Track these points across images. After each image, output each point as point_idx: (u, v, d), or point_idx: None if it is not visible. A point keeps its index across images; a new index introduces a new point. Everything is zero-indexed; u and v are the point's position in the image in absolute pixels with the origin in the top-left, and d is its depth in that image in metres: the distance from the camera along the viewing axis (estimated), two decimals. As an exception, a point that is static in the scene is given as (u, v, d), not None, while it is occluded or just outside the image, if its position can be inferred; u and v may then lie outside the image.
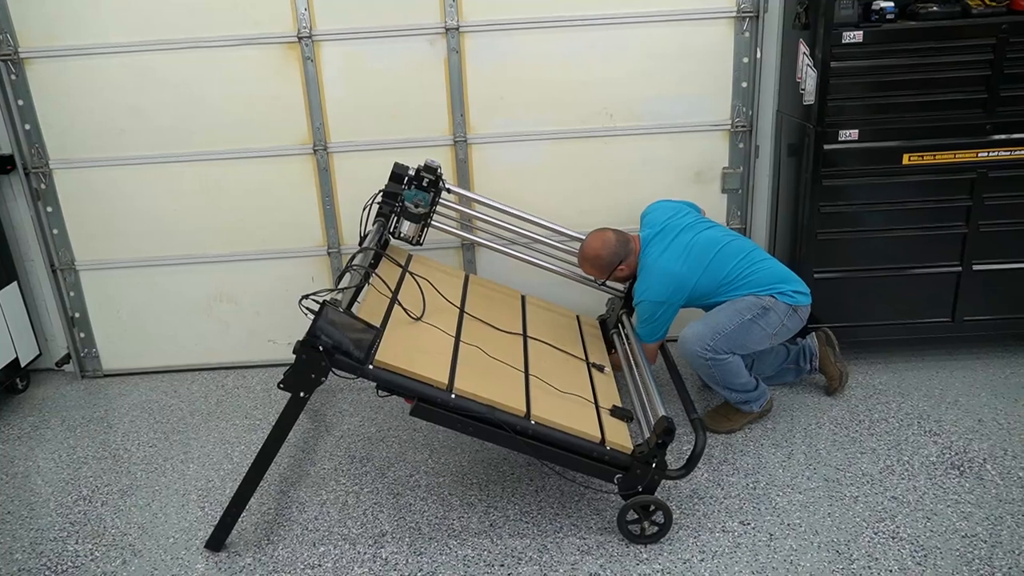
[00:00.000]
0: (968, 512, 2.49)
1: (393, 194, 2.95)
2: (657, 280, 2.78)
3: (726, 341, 2.74)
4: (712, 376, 2.83)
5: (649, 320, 2.83)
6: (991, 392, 3.16)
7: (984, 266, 3.21)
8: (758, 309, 2.74)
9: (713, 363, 2.76)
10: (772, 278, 2.81)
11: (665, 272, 2.77)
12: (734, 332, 2.74)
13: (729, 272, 2.80)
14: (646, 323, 2.85)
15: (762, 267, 2.82)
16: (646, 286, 2.81)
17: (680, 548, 2.39)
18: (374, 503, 2.67)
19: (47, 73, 3.27)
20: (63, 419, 3.34)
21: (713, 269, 2.79)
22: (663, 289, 2.77)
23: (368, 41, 3.28)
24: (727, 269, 2.80)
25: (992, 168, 3.07)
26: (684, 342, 2.79)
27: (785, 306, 2.77)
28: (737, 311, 2.75)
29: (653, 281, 2.79)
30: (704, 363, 2.77)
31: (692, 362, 2.82)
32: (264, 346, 3.69)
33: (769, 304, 2.75)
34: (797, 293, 2.81)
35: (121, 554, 2.48)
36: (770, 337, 2.81)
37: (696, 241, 2.83)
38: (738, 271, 2.80)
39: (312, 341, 2.15)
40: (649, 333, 2.87)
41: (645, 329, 2.87)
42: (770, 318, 2.75)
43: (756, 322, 2.74)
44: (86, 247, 3.53)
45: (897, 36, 2.94)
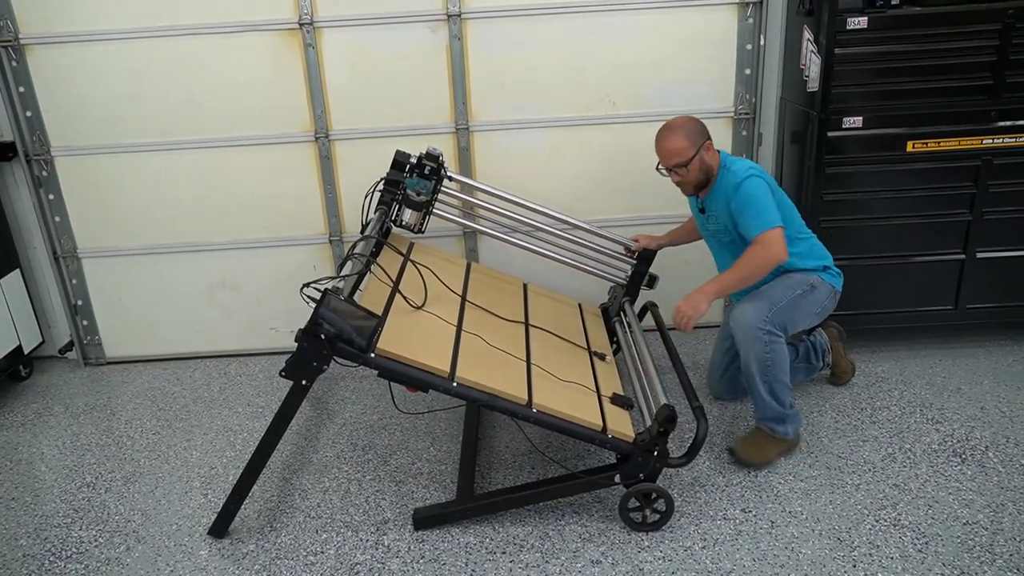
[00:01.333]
0: (970, 499, 2.49)
1: (395, 182, 2.94)
2: (747, 162, 2.66)
3: (780, 314, 2.60)
4: (764, 363, 2.59)
5: (755, 200, 2.53)
6: (994, 380, 3.15)
7: (988, 254, 3.20)
8: (807, 286, 2.67)
9: (770, 339, 2.57)
10: (822, 251, 2.77)
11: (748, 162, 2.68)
12: (787, 306, 2.62)
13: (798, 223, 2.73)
14: (753, 204, 2.53)
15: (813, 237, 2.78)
16: (739, 166, 2.63)
17: (682, 536, 2.40)
18: (376, 490, 2.68)
19: (48, 60, 3.26)
20: (66, 406, 3.35)
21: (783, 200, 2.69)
22: (759, 167, 2.64)
23: (370, 28, 3.26)
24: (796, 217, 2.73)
25: (997, 155, 3.05)
26: (741, 316, 2.60)
27: (829, 287, 2.72)
28: (788, 286, 2.65)
29: (745, 162, 2.66)
30: (761, 338, 2.56)
31: (748, 339, 2.58)
32: (266, 334, 3.69)
33: (816, 283, 2.68)
34: (838, 274, 2.77)
35: (125, 540, 2.50)
36: (814, 316, 2.74)
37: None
38: (802, 226, 2.74)
39: (314, 329, 2.15)
40: (767, 216, 2.52)
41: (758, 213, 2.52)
42: (817, 296, 2.68)
43: (805, 297, 2.66)
44: (88, 234, 3.53)
45: (902, 22, 2.92)
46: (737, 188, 2.57)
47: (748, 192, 2.55)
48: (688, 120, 2.68)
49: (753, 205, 2.54)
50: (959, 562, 2.24)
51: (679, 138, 2.64)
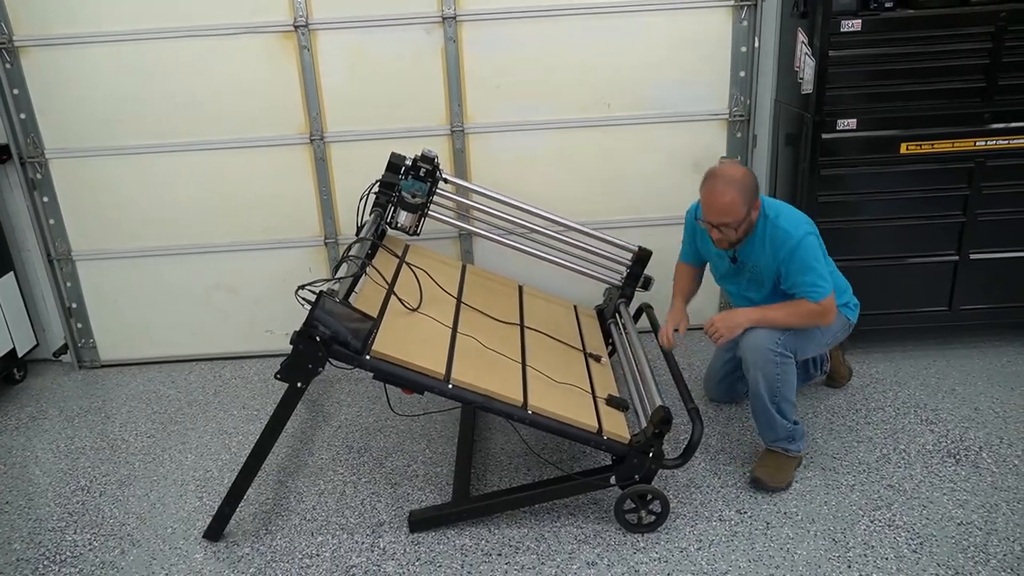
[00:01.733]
0: (964, 500, 2.50)
1: (390, 184, 2.95)
2: (795, 213, 2.51)
3: (793, 340, 2.53)
4: (774, 383, 2.52)
5: (813, 261, 2.42)
6: (988, 381, 3.16)
7: (981, 255, 3.21)
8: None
9: (781, 361, 2.50)
10: (844, 283, 2.69)
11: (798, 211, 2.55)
12: (800, 333, 2.55)
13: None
14: (811, 268, 2.42)
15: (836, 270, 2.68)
16: (791, 222, 2.46)
17: (677, 537, 2.40)
18: (372, 493, 2.68)
19: (43, 62, 3.25)
20: (61, 409, 3.34)
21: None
22: (808, 220, 2.49)
23: (365, 30, 3.26)
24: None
25: (990, 157, 3.06)
26: (754, 339, 2.51)
27: (844, 320, 2.66)
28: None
29: (792, 215, 2.49)
30: (772, 359, 2.48)
31: (760, 361, 2.50)
32: (262, 336, 3.68)
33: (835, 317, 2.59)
34: (855, 307, 2.71)
35: (119, 544, 2.49)
36: (825, 345, 2.75)
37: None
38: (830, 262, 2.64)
39: (309, 331, 2.15)
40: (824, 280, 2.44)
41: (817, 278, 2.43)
42: (831, 328, 2.61)
43: (820, 328, 2.59)
44: (83, 237, 3.53)
45: (896, 24, 2.93)
46: (794, 251, 2.43)
47: (807, 254, 2.43)
48: (745, 174, 2.43)
49: (813, 270, 2.44)
50: (954, 562, 2.24)
51: (734, 195, 2.38)
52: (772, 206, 2.52)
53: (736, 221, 2.41)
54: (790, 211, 2.54)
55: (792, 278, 2.48)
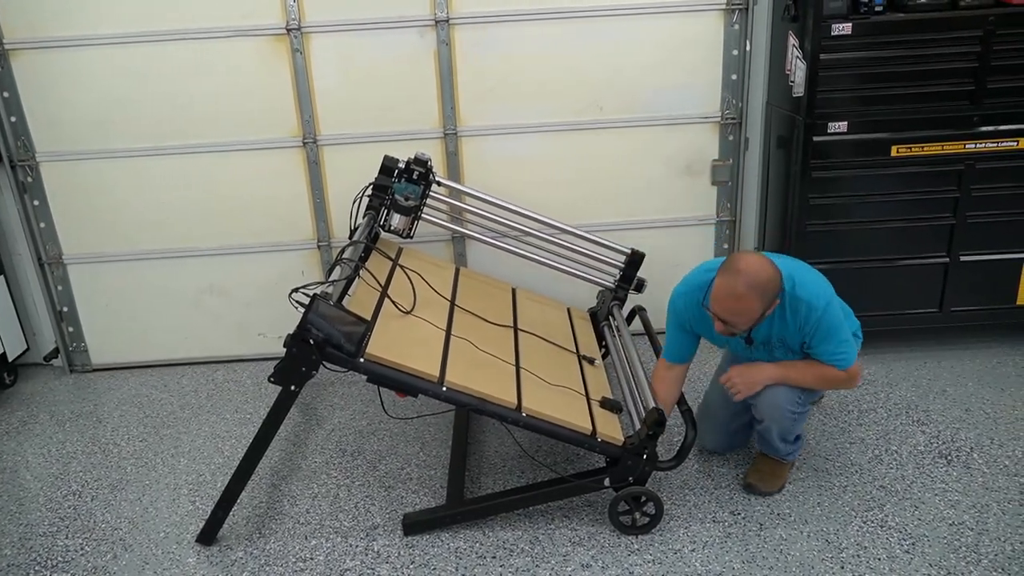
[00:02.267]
0: (955, 500, 2.51)
1: (383, 187, 2.95)
2: (813, 281, 2.33)
3: (810, 395, 2.51)
4: (787, 431, 2.48)
5: (837, 330, 2.31)
6: (978, 382, 3.18)
7: (971, 257, 3.23)
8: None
9: (799, 416, 2.47)
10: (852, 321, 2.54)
11: (811, 271, 2.39)
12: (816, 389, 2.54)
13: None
14: (836, 335, 2.32)
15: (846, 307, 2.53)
16: (812, 294, 2.29)
17: (671, 539, 2.41)
18: (366, 496, 2.67)
19: (33, 65, 3.24)
20: (52, 414, 3.32)
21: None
22: (826, 286, 2.35)
23: (358, 33, 3.26)
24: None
25: (979, 160, 3.09)
26: (772, 398, 2.42)
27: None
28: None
29: (812, 286, 2.31)
30: (791, 417, 2.44)
31: (777, 416, 2.44)
32: (254, 340, 3.67)
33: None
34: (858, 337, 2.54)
35: (112, 548, 2.48)
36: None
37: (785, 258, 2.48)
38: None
39: (302, 334, 2.15)
40: (846, 350, 2.35)
41: (841, 344, 2.33)
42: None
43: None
44: (74, 240, 3.51)
45: (886, 28, 2.95)
46: (820, 321, 2.29)
47: (832, 321, 2.31)
48: (771, 278, 2.19)
49: (840, 335, 2.33)
50: (945, 563, 2.25)
51: (754, 302, 2.18)
52: (789, 274, 2.29)
53: (748, 322, 2.24)
54: (805, 276, 2.34)
55: (817, 347, 2.35)
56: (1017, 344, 3.44)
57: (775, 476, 2.60)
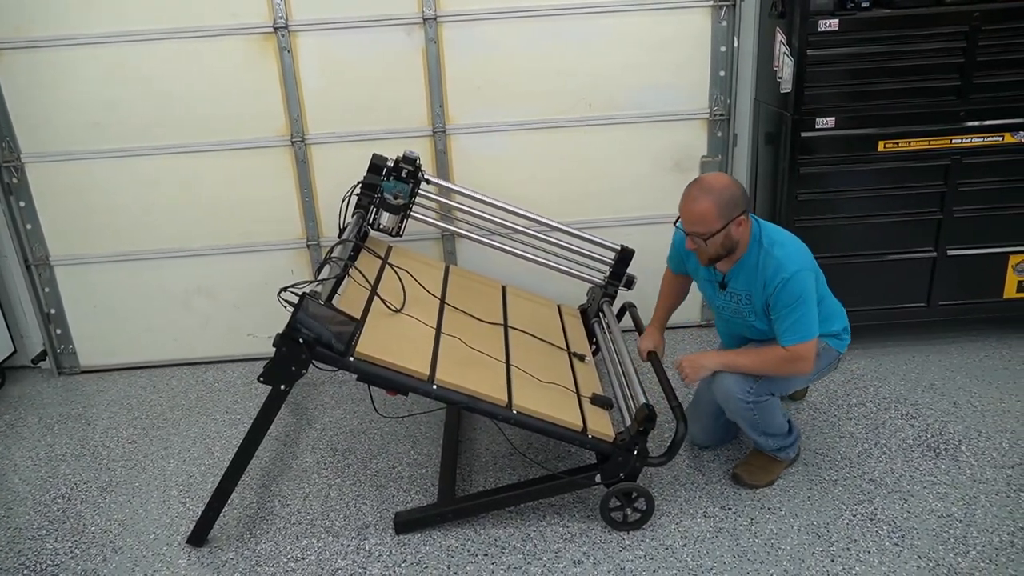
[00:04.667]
0: (944, 493, 2.53)
1: (372, 185, 2.94)
2: (796, 245, 2.29)
3: (767, 385, 2.43)
4: (753, 422, 2.47)
5: (800, 301, 2.24)
6: (966, 375, 3.21)
7: (958, 251, 3.25)
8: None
9: (755, 407, 2.43)
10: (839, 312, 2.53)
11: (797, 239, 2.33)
12: (777, 379, 2.45)
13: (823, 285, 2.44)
14: (798, 307, 2.24)
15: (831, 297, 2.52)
16: (787, 254, 2.26)
17: (662, 534, 2.41)
18: (357, 495, 2.67)
19: (17, 65, 3.21)
20: (40, 416, 3.30)
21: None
22: (808, 255, 2.28)
23: (345, 31, 3.25)
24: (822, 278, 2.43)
25: (966, 155, 3.11)
26: (723, 387, 2.44)
27: (835, 354, 2.53)
28: None
29: (792, 246, 2.29)
30: (746, 408, 2.43)
31: (732, 407, 2.46)
32: (244, 340, 3.66)
33: (820, 350, 2.42)
34: (846, 336, 2.54)
35: (101, 551, 2.46)
36: (808, 381, 2.66)
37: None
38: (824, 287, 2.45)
39: (292, 334, 2.14)
40: (804, 325, 2.25)
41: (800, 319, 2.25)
42: (816, 365, 2.43)
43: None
44: (61, 242, 3.48)
45: (872, 24, 2.96)
46: (785, 284, 2.24)
47: (796, 293, 2.24)
48: (727, 186, 2.25)
49: (799, 310, 2.26)
50: (934, 554, 2.27)
51: (708, 205, 2.22)
52: (771, 234, 2.34)
53: (708, 232, 2.25)
54: (791, 242, 2.34)
55: (775, 312, 2.32)
56: (1004, 337, 3.46)
57: (763, 471, 2.61)
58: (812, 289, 2.29)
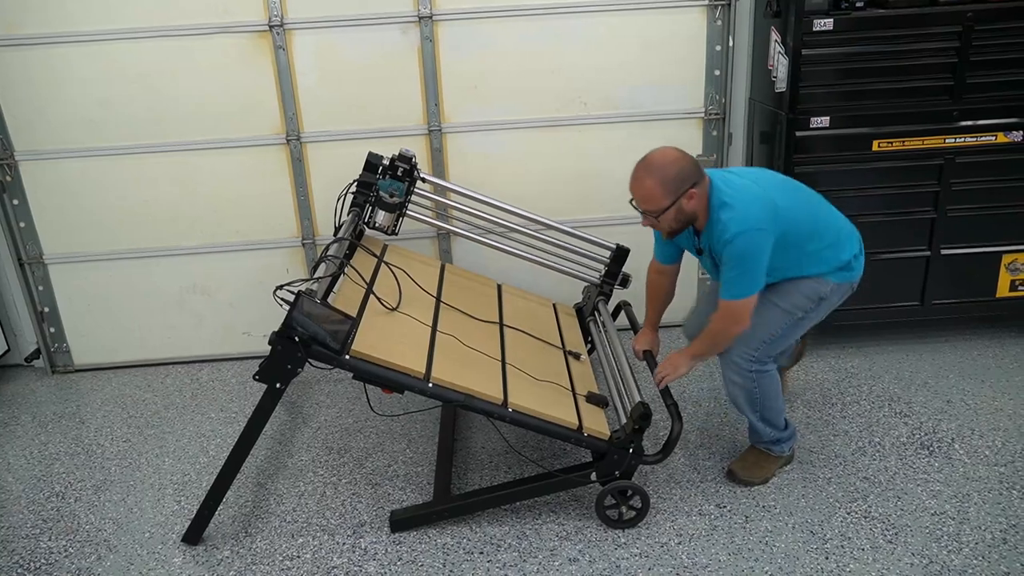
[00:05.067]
0: (937, 490, 2.54)
1: (367, 184, 2.93)
2: (747, 204, 2.22)
3: (771, 347, 2.42)
4: (753, 398, 2.47)
5: (741, 261, 2.22)
6: (959, 374, 3.22)
7: (952, 250, 3.27)
8: (814, 302, 2.39)
9: (757, 376, 2.43)
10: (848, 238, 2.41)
11: (754, 196, 2.24)
12: (782, 335, 2.42)
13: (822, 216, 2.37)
14: (737, 265, 2.23)
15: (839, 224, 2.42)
16: (732, 216, 2.21)
17: (658, 532, 2.42)
18: (352, 493, 2.67)
19: (10, 62, 3.19)
20: (34, 415, 3.29)
21: (798, 198, 2.34)
22: (757, 213, 2.21)
23: (341, 30, 3.25)
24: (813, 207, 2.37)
25: (959, 154, 3.12)
26: (727, 352, 2.44)
27: (846, 286, 2.43)
28: (792, 306, 2.39)
29: (741, 207, 2.21)
30: (748, 375, 2.43)
31: (732, 374, 2.46)
32: (239, 338, 3.65)
33: (828, 292, 2.38)
34: (857, 262, 2.43)
35: (96, 550, 2.46)
36: (816, 321, 2.50)
37: (765, 171, 2.45)
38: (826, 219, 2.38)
39: (288, 332, 2.14)
40: (742, 283, 2.24)
41: (736, 277, 2.24)
42: (824, 307, 2.42)
43: (808, 315, 2.41)
44: (55, 240, 3.47)
45: (867, 24, 2.97)
46: (727, 245, 2.23)
47: (738, 253, 2.23)
48: (671, 162, 2.24)
49: (737, 268, 2.24)
50: (928, 552, 2.28)
51: (653, 184, 2.23)
52: (724, 196, 2.26)
53: (655, 210, 2.25)
54: (741, 202, 2.24)
55: (721, 267, 2.31)
56: (997, 336, 3.48)
57: (758, 467, 2.62)
58: (755, 249, 2.22)
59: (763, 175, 2.42)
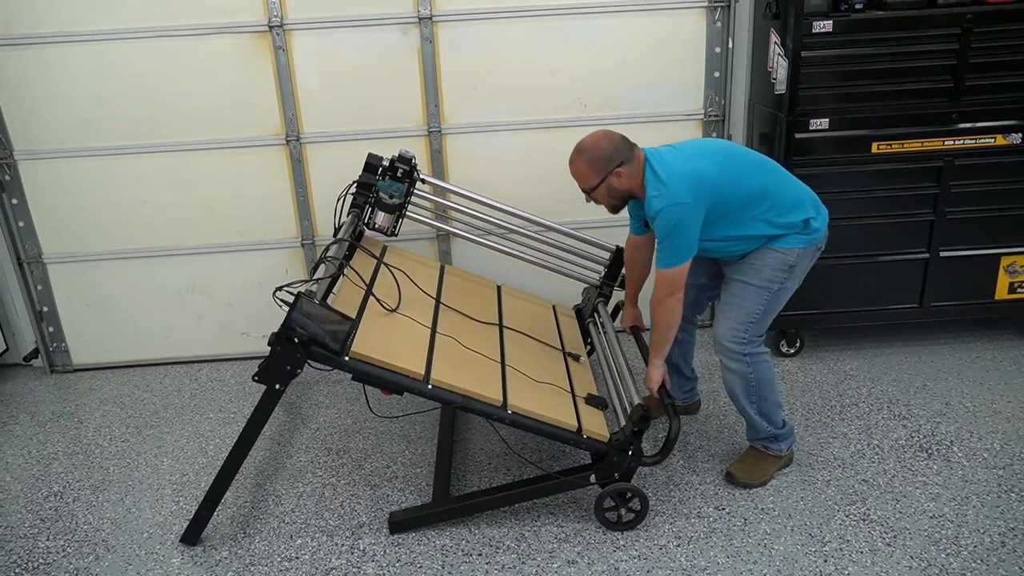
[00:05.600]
0: (936, 493, 2.54)
1: (367, 185, 2.93)
2: (673, 180, 2.32)
3: (759, 324, 2.49)
4: (749, 385, 2.52)
5: (669, 233, 2.33)
6: (958, 376, 3.22)
7: (951, 253, 3.27)
8: (784, 272, 2.45)
9: (752, 360, 2.48)
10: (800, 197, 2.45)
11: (682, 171, 2.34)
12: (766, 311, 2.48)
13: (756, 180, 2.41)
14: (665, 237, 2.35)
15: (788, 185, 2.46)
16: (659, 191, 2.33)
17: (656, 534, 2.42)
18: (351, 495, 2.67)
19: (8, 62, 3.19)
20: (32, 414, 3.29)
21: (737, 167, 2.40)
22: (681, 188, 2.31)
23: (341, 30, 3.25)
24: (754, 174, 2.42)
25: (958, 156, 3.13)
26: (718, 340, 2.51)
27: (812, 249, 2.48)
28: (762, 287, 2.45)
29: (667, 182, 2.32)
30: (743, 360, 2.48)
31: (728, 360, 2.51)
32: (238, 339, 3.65)
33: (795, 259, 2.44)
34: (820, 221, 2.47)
35: (94, 550, 2.46)
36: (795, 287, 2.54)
37: (710, 142, 2.57)
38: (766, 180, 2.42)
39: (287, 333, 2.14)
40: (669, 253, 2.36)
41: (666, 247, 2.36)
42: (796, 275, 2.48)
43: (784, 285, 2.47)
44: (54, 239, 3.47)
45: (866, 25, 2.98)
46: (654, 220, 2.37)
47: (663, 227, 2.35)
48: (600, 140, 2.40)
49: (665, 240, 2.37)
50: (926, 555, 2.28)
51: (581, 165, 2.41)
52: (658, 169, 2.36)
53: (588, 188, 2.44)
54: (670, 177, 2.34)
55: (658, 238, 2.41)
56: (995, 338, 3.49)
57: (757, 469, 2.62)
58: (679, 222, 2.32)
59: (705, 146, 2.54)
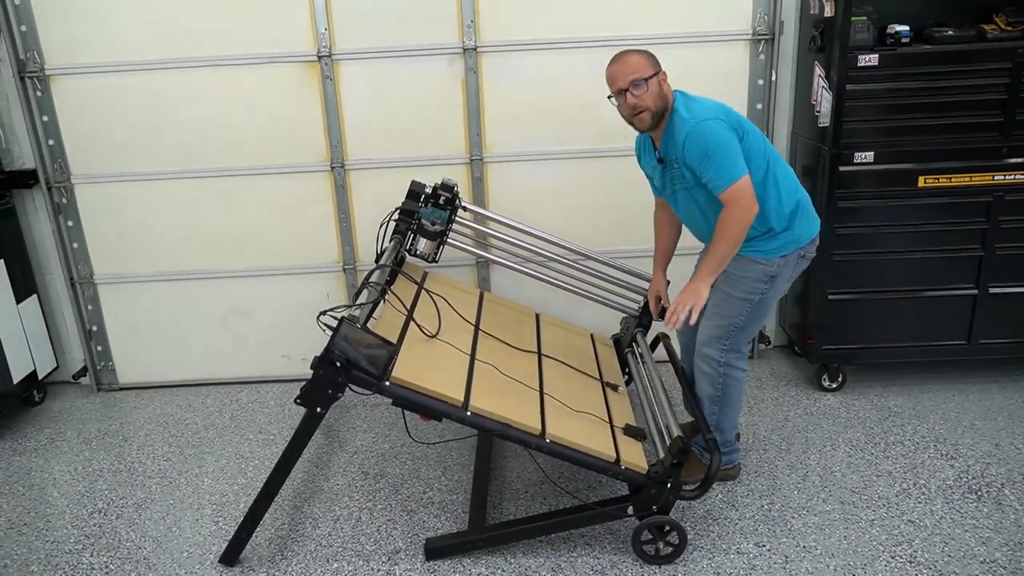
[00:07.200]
0: (987, 537, 2.46)
1: (410, 211, 2.97)
2: (701, 106, 2.37)
3: (740, 336, 2.56)
4: (716, 395, 2.61)
5: (706, 154, 2.29)
6: (1008, 416, 3.13)
7: (1001, 289, 3.20)
8: (765, 283, 2.48)
9: (725, 371, 2.57)
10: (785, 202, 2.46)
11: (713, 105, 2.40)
12: (749, 321, 2.54)
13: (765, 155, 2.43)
14: (711, 158, 2.28)
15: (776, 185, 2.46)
16: (689, 113, 2.35)
17: (695, 570, 2.38)
18: (388, 519, 2.67)
19: (70, 90, 3.33)
20: (79, 432, 3.36)
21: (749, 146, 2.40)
22: (713, 109, 2.35)
23: (387, 60, 3.32)
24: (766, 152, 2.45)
25: (1009, 191, 3.07)
26: (698, 344, 2.61)
27: (794, 256, 2.50)
28: (744, 298, 2.50)
29: (696, 108, 2.36)
30: (718, 368, 2.57)
31: (704, 368, 2.60)
32: (279, 361, 3.70)
33: (776, 270, 2.47)
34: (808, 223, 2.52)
35: (136, 567, 2.49)
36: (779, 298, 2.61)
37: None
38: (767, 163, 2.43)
39: (330, 356, 2.17)
40: (718, 172, 2.28)
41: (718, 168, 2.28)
42: (778, 285, 2.52)
43: (765, 298, 2.51)
44: (105, 261, 3.57)
45: (912, 60, 2.96)
46: (689, 138, 2.32)
47: (703, 142, 2.29)
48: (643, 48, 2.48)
49: (714, 157, 2.29)
50: (977, 601, 2.21)
51: (638, 55, 2.42)
52: (685, 101, 2.42)
53: (645, 75, 2.37)
54: (701, 104, 2.40)
55: (699, 171, 2.35)
56: (1048, 378, 3.39)
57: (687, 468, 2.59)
58: (723, 135, 2.30)
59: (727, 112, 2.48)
